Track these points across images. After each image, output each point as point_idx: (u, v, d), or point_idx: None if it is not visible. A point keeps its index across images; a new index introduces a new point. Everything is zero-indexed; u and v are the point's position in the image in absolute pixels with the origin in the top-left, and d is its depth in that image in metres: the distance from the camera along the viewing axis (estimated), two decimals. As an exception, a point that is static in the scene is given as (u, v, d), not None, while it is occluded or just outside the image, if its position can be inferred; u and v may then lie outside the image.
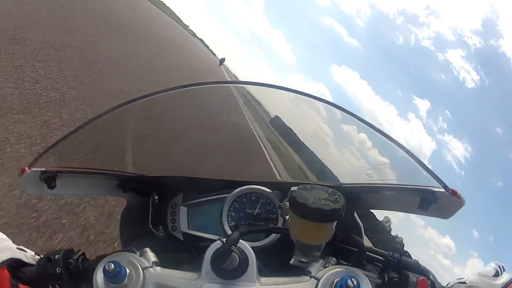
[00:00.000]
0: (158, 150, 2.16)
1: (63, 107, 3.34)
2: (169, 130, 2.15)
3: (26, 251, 0.51)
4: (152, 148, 2.01)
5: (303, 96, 0.74)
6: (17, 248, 0.50)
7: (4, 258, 0.47)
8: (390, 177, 0.75)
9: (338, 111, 0.70)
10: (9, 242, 0.50)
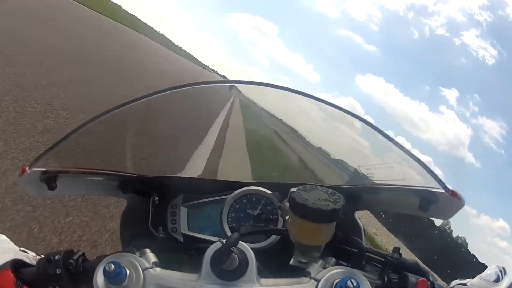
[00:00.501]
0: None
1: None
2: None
3: (28, 253, 0.51)
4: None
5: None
6: (19, 250, 0.50)
7: (8, 259, 0.47)
8: (390, 178, 0.75)
9: (336, 111, 0.70)
10: (11, 244, 0.50)
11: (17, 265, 0.49)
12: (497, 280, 0.49)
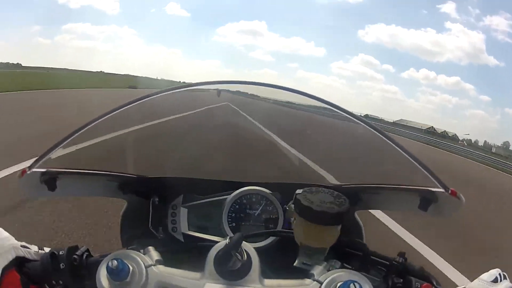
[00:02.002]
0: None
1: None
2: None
3: (29, 248, 0.51)
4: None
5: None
6: (21, 246, 0.50)
7: (11, 258, 0.47)
8: (390, 178, 0.75)
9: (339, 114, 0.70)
10: (12, 240, 0.49)
11: (20, 262, 0.48)
12: (495, 281, 0.48)
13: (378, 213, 3.08)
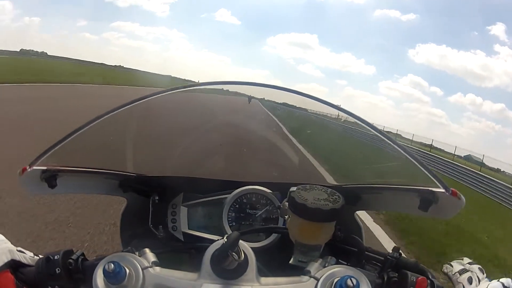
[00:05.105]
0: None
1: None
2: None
3: (25, 253, 0.51)
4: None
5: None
6: (17, 250, 0.50)
7: (6, 261, 0.47)
8: (391, 178, 0.75)
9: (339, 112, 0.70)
10: (8, 244, 0.49)
11: (15, 266, 0.48)
12: None
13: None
